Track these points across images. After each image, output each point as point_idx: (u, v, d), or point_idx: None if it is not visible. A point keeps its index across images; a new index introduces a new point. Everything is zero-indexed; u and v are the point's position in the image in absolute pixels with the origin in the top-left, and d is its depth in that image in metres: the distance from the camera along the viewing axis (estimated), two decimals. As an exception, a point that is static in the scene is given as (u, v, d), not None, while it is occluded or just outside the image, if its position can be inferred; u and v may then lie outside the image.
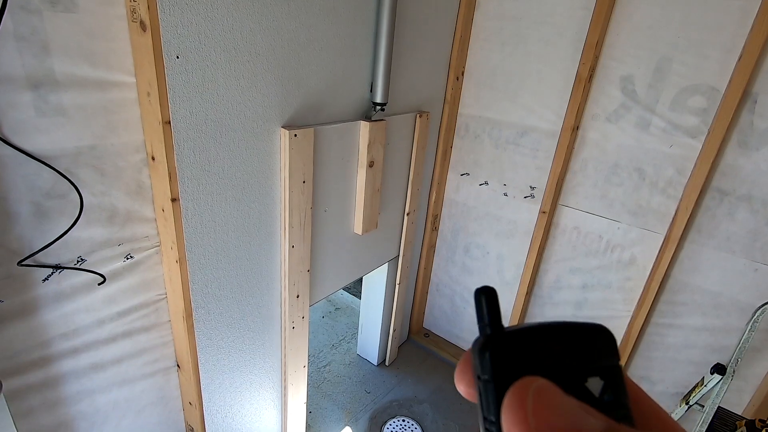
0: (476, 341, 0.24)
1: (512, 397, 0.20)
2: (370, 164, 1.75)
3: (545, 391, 0.20)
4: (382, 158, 1.80)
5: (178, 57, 1.08)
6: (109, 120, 1.08)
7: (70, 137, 1.03)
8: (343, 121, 1.63)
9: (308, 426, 2.14)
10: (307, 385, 1.92)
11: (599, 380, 0.22)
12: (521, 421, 0.19)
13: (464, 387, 0.24)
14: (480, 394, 0.23)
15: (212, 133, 1.23)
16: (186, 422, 1.57)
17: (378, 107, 1.71)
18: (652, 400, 0.24)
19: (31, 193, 1.00)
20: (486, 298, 0.24)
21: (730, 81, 1.56)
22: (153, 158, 1.16)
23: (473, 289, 2.57)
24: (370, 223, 1.89)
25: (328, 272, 1.83)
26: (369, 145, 1.70)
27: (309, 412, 2.21)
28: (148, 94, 1.08)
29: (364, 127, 1.68)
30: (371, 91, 1.71)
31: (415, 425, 2.24)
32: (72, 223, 1.07)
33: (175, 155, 1.15)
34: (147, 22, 1.00)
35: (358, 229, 1.86)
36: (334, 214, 1.74)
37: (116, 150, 1.11)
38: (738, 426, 1.57)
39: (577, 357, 0.23)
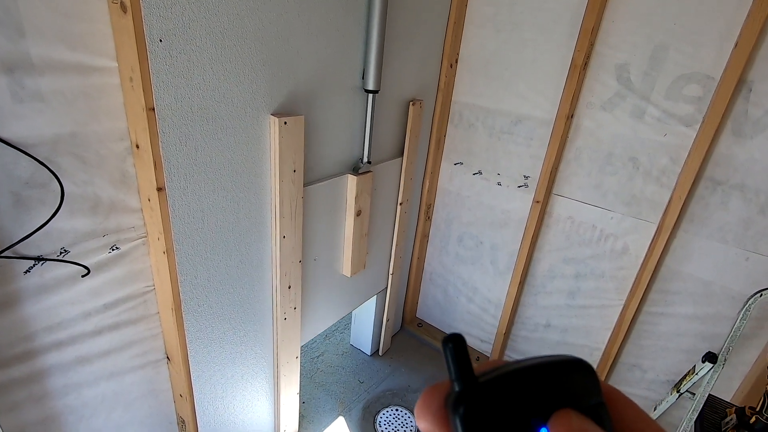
0: (448, 397, 0.23)
1: (560, 416, 0.22)
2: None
3: (582, 417, 0.22)
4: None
5: (161, 40, 1.04)
6: (90, 106, 1.04)
7: (49, 124, 0.99)
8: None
9: (302, 416, 2.14)
10: (300, 375, 1.91)
11: None
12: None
13: (425, 424, 0.23)
14: None
15: (199, 120, 1.19)
16: (177, 414, 1.56)
17: (370, 95, 1.67)
18: (644, 414, 0.24)
19: (9, 183, 0.96)
20: (454, 347, 0.22)
21: (725, 69, 1.55)
22: (137, 146, 1.12)
23: (467, 278, 2.57)
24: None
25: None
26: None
27: (302, 403, 2.21)
28: (131, 79, 1.04)
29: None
30: (363, 78, 1.67)
31: (409, 414, 2.25)
32: (53, 213, 1.03)
33: (160, 143, 1.11)
34: (128, 3, 0.95)
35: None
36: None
37: (98, 137, 1.07)
38: (728, 413, 1.59)
39: (560, 400, 0.22)
